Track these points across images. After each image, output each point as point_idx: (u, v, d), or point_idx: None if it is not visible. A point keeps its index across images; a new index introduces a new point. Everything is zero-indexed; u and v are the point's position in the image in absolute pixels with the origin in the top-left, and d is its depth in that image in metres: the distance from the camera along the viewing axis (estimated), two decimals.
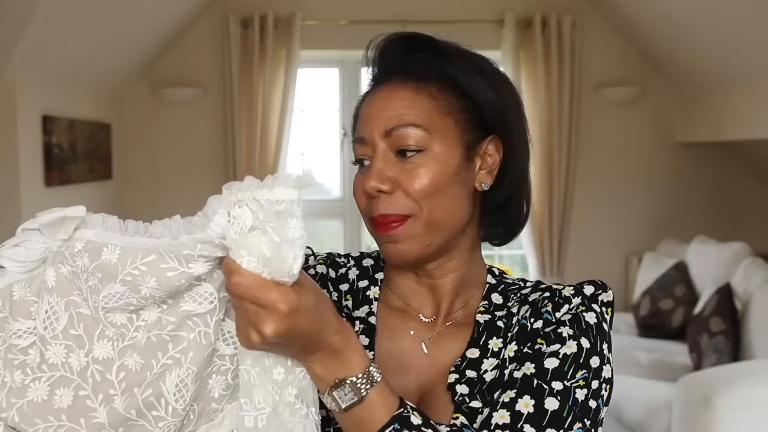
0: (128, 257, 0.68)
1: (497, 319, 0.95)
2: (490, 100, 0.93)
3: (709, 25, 3.81)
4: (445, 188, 0.90)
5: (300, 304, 0.69)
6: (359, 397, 0.75)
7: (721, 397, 2.65)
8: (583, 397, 0.84)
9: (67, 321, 0.71)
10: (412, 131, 0.89)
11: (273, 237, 0.65)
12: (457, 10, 4.49)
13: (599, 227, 4.79)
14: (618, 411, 3.39)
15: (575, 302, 0.91)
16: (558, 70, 4.49)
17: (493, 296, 0.98)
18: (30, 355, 0.71)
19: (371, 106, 0.93)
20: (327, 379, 0.75)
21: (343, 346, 0.75)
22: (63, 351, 0.71)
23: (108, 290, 0.69)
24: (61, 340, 0.71)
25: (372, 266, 1.04)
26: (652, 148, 4.79)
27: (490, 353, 0.92)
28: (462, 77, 0.92)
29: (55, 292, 0.71)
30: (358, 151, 0.93)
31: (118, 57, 4.12)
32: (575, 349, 0.86)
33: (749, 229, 4.66)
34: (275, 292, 0.67)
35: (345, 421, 0.77)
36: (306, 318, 0.70)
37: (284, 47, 4.44)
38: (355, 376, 0.75)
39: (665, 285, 4.10)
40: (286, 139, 4.49)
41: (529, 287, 0.97)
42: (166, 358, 0.72)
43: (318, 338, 0.73)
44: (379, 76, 0.96)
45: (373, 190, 0.89)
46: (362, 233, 4.88)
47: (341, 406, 0.75)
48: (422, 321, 0.98)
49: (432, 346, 0.95)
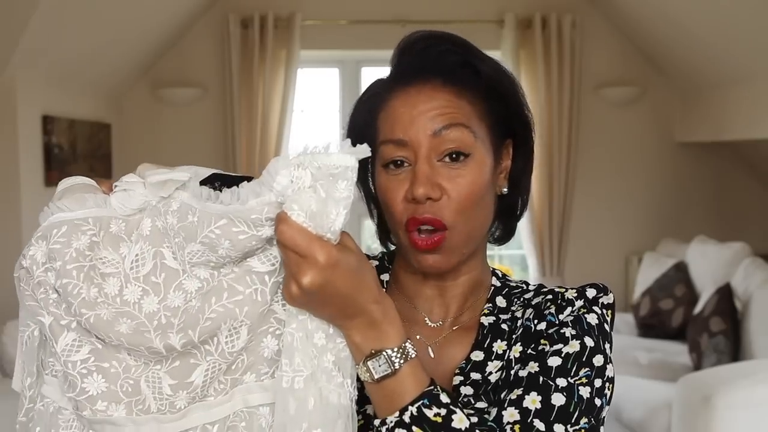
0: (204, 221, 0.74)
1: (501, 322, 0.95)
2: (516, 104, 0.93)
3: (709, 25, 3.81)
4: (484, 196, 0.90)
5: (339, 261, 0.72)
6: (392, 369, 0.76)
7: (721, 397, 2.65)
8: (588, 395, 0.84)
9: (151, 268, 0.78)
10: (463, 133, 0.88)
11: (321, 193, 0.71)
12: (457, 10, 4.49)
13: (599, 227, 4.79)
14: (618, 411, 3.39)
15: (578, 305, 0.91)
16: (558, 70, 4.49)
17: (497, 299, 0.98)
18: (108, 282, 0.78)
19: (412, 107, 0.88)
20: (364, 348, 0.77)
21: (380, 316, 0.76)
22: (139, 292, 0.78)
23: (190, 248, 0.76)
24: (141, 283, 0.78)
25: (377, 267, 1.03)
26: (652, 148, 4.79)
27: (495, 356, 0.93)
28: (497, 80, 0.92)
29: (148, 240, 0.79)
30: (395, 153, 0.89)
31: (118, 57, 4.12)
32: (578, 348, 0.87)
33: (749, 229, 4.66)
34: (317, 243, 0.71)
35: (376, 392, 0.78)
36: (344, 277, 0.73)
37: (284, 47, 4.44)
38: (391, 349, 0.76)
39: (665, 285, 4.10)
40: (286, 139, 4.49)
41: (532, 291, 0.98)
42: (219, 305, 0.76)
43: (355, 302, 0.75)
44: (410, 75, 0.91)
45: (423, 197, 0.86)
46: (362, 233, 4.88)
47: (374, 377, 0.76)
48: (428, 325, 0.97)
49: (438, 350, 0.95)
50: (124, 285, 0.79)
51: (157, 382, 0.79)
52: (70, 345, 0.79)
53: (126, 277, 0.79)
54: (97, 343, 0.79)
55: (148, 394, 0.79)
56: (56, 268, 0.78)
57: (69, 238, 0.79)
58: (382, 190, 0.91)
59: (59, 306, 0.79)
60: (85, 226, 0.80)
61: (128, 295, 0.78)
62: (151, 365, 0.79)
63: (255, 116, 4.44)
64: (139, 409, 0.79)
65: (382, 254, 1.05)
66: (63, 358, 0.78)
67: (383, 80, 0.95)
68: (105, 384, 0.78)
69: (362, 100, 0.97)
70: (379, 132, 0.92)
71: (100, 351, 0.79)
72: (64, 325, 0.79)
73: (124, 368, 0.79)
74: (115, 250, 0.80)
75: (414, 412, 0.76)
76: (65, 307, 0.79)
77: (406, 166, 0.89)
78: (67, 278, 0.78)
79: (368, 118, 0.94)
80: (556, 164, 4.53)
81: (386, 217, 0.94)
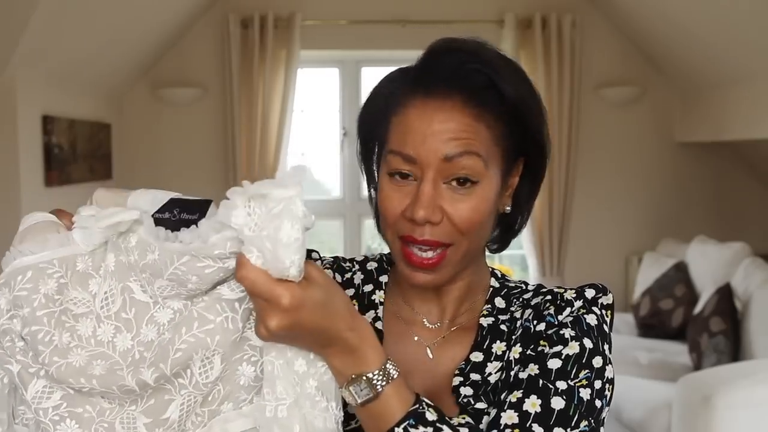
0: (167, 259, 0.73)
1: (500, 323, 0.95)
2: (535, 125, 0.91)
3: (709, 25, 3.81)
4: (487, 219, 0.90)
5: (304, 299, 0.71)
6: (375, 393, 0.76)
7: (721, 397, 2.65)
8: (588, 397, 0.84)
9: (121, 304, 0.77)
10: (473, 160, 0.85)
11: (266, 242, 0.69)
12: (457, 10, 4.49)
13: (599, 227, 4.79)
14: (618, 411, 3.39)
15: (577, 305, 0.91)
16: (558, 69, 4.49)
17: (496, 300, 0.97)
18: (80, 323, 0.77)
19: (428, 124, 0.85)
20: (345, 373, 0.76)
21: (357, 342, 0.76)
22: (112, 331, 0.77)
23: (159, 283, 0.76)
24: (113, 321, 0.77)
25: (376, 269, 1.04)
26: (651, 148, 4.79)
27: (494, 356, 0.92)
28: (518, 101, 0.88)
29: (114, 276, 0.78)
30: (402, 166, 0.87)
31: (118, 57, 4.12)
32: (577, 350, 0.87)
33: (749, 229, 4.66)
34: (279, 287, 0.70)
35: (362, 415, 0.78)
36: (312, 313, 0.72)
37: (284, 47, 4.44)
38: (371, 372, 0.76)
39: (665, 285, 4.10)
40: (286, 139, 4.49)
41: (531, 291, 0.97)
42: (189, 335, 0.75)
43: (328, 333, 0.74)
44: (432, 84, 0.87)
45: (423, 220, 0.85)
46: (362, 233, 4.89)
47: (357, 401, 0.76)
48: (426, 326, 0.97)
49: (437, 351, 0.95)
50: (97, 325, 0.77)
51: (131, 423, 0.77)
52: (40, 392, 0.77)
53: (98, 317, 0.78)
54: (68, 389, 0.77)
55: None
56: (23, 315, 0.76)
57: (36, 284, 0.77)
58: (383, 197, 0.90)
59: (26, 354, 0.77)
60: (50, 269, 0.78)
61: (102, 335, 0.77)
62: (126, 406, 0.77)
63: (255, 116, 4.44)
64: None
65: (381, 255, 1.05)
66: (34, 405, 0.77)
67: (404, 77, 0.91)
68: (79, 429, 0.77)
69: (378, 95, 0.93)
70: (390, 137, 0.89)
71: (72, 396, 0.77)
72: (32, 373, 0.77)
73: (98, 411, 0.77)
74: (84, 289, 0.78)
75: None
76: (32, 354, 0.77)
77: (411, 179, 0.88)
78: (37, 325, 0.76)
79: (381, 117, 0.91)
80: (556, 164, 4.53)
81: (381, 223, 0.93)
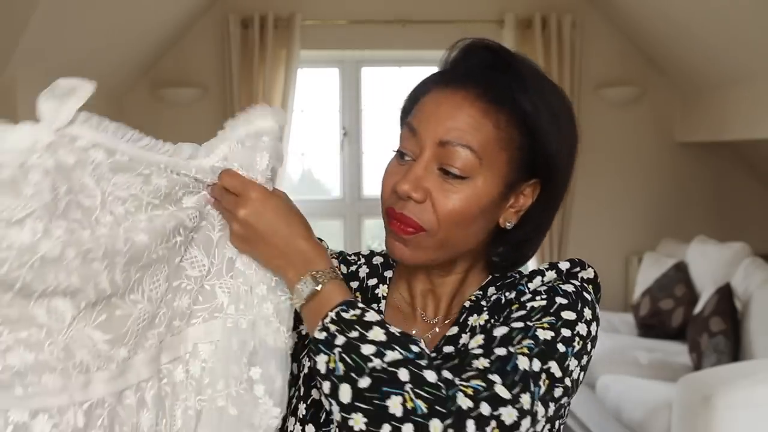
0: (139, 162, 0.81)
1: (481, 301, 0.96)
2: (550, 148, 0.90)
3: (709, 25, 3.81)
4: (472, 221, 0.89)
5: (269, 198, 0.85)
6: (318, 286, 0.82)
7: (721, 397, 2.65)
8: (548, 338, 0.82)
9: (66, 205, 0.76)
10: (465, 154, 0.86)
11: (252, 150, 0.87)
12: (457, 10, 4.49)
13: (599, 227, 4.79)
14: (618, 411, 3.39)
15: (549, 275, 0.92)
16: (558, 70, 4.49)
17: (489, 290, 0.98)
18: (26, 226, 0.73)
19: (438, 106, 0.89)
20: (296, 275, 0.84)
21: (310, 250, 0.85)
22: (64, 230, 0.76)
23: (119, 178, 0.79)
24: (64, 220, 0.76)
25: (381, 264, 1.05)
26: (651, 148, 4.79)
27: (469, 329, 0.93)
28: (534, 117, 0.88)
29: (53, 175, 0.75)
30: (406, 142, 0.91)
31: (118, 57, 4.12)
32: (544, 303, 0.86)
33: (749, 229, 4.65)
34: (250, 184, 0.85)
35: (305, 313, 0.84)
36: (275, 213, 0.85)
37: (284, 47, 4.44)
38: (316, 271, 0.83)
39: (665, 285, 4.10)
40: (286, 139, 4.49)
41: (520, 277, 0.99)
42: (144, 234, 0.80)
43: (287, 238, 0.84)
44: (454, 76, 0.91)
45: (405, 194, 0.87)
46: (362, 233, 4.88)
47: (303, 297, 0.83)
48: (424, 321, 0.99)
49: (430, 343, 0.96)
50: (52, 216, 0.74)
51: (86, 341, 0.78)
52: None
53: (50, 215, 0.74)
54: (9, 313, 0.73)
55: (84, 354, 0.78)
56: None
57: None
58: (385, 172, 0.94)
59: None
60: None
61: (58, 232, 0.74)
62: (72, 323, 0.76)
63: None
64: (78, 371, 0.77)
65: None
66: None
67: (437, 73, 0.96)
68: (30, 354, 0.74)
69: (415, 87, 0.98)
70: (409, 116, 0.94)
71: (13, 322, 0.74)
72: None
73: (46, 333, 0.75)
74: (16, 196, 0.72)
75: (333, 316, 0.79)
76: None
77: (409, 161, 0.90)
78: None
79: (410, 106, 0.96)
80: None
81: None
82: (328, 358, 0.77)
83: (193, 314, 0.89)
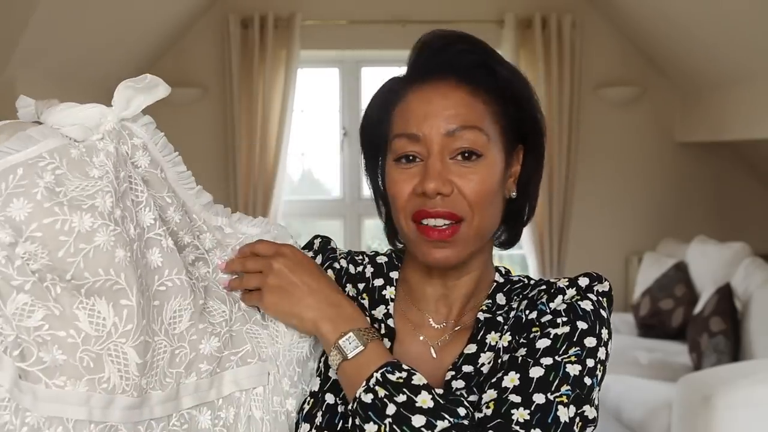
0: (167, 186, 0.85)
1: (497, 315, 0.95)
2: (530, 110, 0.94)
3: (709, 25, 3.81)
4: (495, 196, 0.91)
5: (302, 254, 0.92)
6: (364, 345, 0.84)
7: (721, 397, 2.65)
8: (576, 373, 0.84)
9: (123, 193, 0.80)
10: (474, 134, 0.88)
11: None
12: (457, 10, 4.49)
13: (599, 227, 4.79)
14: (618, 411, 3.39)
15: (570, 293, 0.91)
16: (558, 70, 4.49)
17: (497, 296, 0.98)
18: (97, 200, 0.76)
19: (427, 103, 0.89)
20: (335, 330, 0.86)
21: (347, 304, 0.88)
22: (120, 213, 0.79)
23: (152, 193, 0.82)
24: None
25: (386, 263, 1.04)
26: (651, 148, 4.79)
27: (488, 347, 0.93)
28: (516, 84, 0.92)
29: (115, 163, 0.79)
30: (407, 147, 0.90)
31: (118, 57, 4.12)
32: (568, 330, 0.87)
33: (749, 229, 4.65)
34: (284, 245, 0.93)
35: (346, 369, 0.85)
36: (305, 265, 0.90)
37: (284, 47, 4.44)
38: (359, 329, 0.85)
39: (665, 285, 4.10)
40: (286, 139, 4.48)
41: (531, 285, 0.98)
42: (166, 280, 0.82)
43: (324, 290, 0.88)
44: (426, 73, 0.92)
45: (434, 192, 0.87)
46: (362, 233, 4.88)
47: (347, 355, 0.84)
48: (432, 326, 0.98)
49: (440, 350, 0.96)
50: (115, 202, 0.76)
51: (121, 356, 0.75)
52: (20, 308, 0.71)
53: (114, 194, 0.77)
54: (54, 308, 0.73)
55: (113, 372, 0.75)
56: (26, 213, 0.72)
57: (32, 179, 0.73)
58: (392, 182, 0.92)
59: (8, 265, 0.71)
60: (42, 162, 0.75)
61: (119, 213, 0.77)
62: (114, 337, 0.75)
63: (255, 116, 4.44)
64: (103, 387, 0.75)
65: (391, 251, 1.06)
66: (15, 322, 0.71)
67: (399, 78, 0.96)
68: (63, 356, 0.73)
69: (377, 95, 0.97)
70: (393, 127, 0.92)
71: (56, 318, 0.73)
72: (15, 286, 0.71)
73: (83, 338, 0.73)
74: (84, 177, 0.76)
75: (378, 378, 0.81)
76: (19, 264, 0.72)
77: (417, 161, 0.90)
78: (50, 217, 0.73)
79: (382, 114, 0.94)
80: (556, 164, 4.53)
81: (392, 211, 0.94)
82: (378, 428, 0.79)
83: (224, 359, 0.87)
